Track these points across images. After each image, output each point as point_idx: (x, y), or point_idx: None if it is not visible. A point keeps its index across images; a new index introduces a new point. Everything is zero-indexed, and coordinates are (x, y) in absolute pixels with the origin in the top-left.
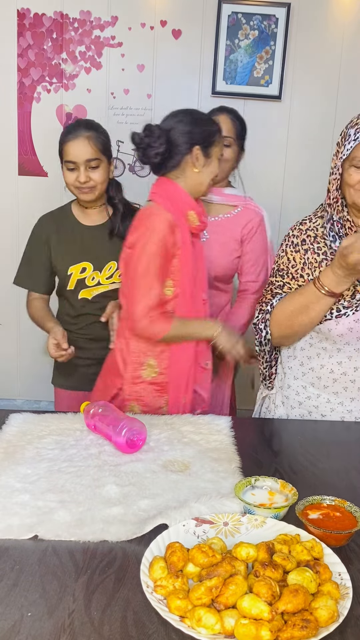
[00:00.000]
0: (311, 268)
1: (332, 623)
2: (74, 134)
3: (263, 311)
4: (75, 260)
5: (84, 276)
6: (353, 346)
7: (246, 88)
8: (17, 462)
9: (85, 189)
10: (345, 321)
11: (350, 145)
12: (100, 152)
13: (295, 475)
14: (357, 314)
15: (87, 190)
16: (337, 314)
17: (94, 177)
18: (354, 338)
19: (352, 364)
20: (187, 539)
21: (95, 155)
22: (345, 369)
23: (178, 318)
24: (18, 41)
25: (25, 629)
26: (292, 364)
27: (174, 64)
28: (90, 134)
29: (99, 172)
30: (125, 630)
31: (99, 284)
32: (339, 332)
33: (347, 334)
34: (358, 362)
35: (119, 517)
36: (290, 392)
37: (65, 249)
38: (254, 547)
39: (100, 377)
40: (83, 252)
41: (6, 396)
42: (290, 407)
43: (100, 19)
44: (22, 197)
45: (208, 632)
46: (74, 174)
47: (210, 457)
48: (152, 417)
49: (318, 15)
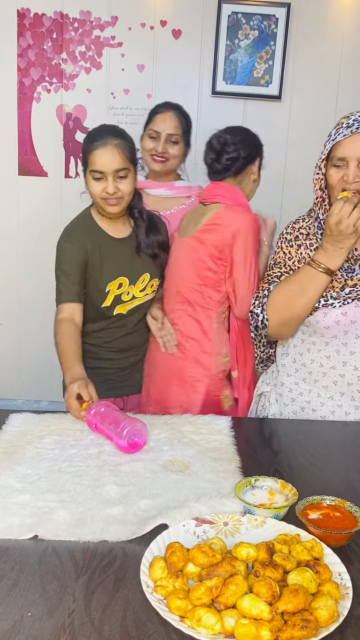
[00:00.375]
0: (305, 262)
1: (332, 623)
2: (102, 141)
3: (259, 297)
4: (113, 276)
5: (121, 292)
6: (340, 340)
7: (246, 88)
8: (17, 462)
9: (113, 201)
10: (332, 313)
11: (329, 144)
12: (128, 161)
13: (295, 475)
14: (345, 307)
15: (115, 201)
16: (324, 303)
17: (122, 188)
18: (341, 331)
19: (341, 358)
20: (187, 539)
21: (124, 164)
22: (334, 362)
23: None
24: (18, 41)
25: (25, 629)
26: (285, 361)
27: (174, 64)
28: (118, 141)
29: (126, 182)
30: (125, 630)
31: (134, 298)
32: (326, 324)
33: (334, 327)
34: (346, 356)
35: (119, 517)
36: (284, 390)
37: (102, 265)
38: (254, 547)
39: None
40: (117, 267)
41: (6, 396)
42: (283, 404)
43: (100, 19)
44: (22, 197)
45: (208, 632)
46: (100, 185)
47: (210, 457)
48: (152, 417)
49: (318, 15)
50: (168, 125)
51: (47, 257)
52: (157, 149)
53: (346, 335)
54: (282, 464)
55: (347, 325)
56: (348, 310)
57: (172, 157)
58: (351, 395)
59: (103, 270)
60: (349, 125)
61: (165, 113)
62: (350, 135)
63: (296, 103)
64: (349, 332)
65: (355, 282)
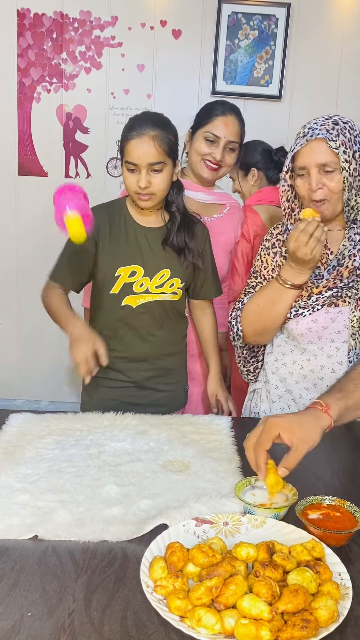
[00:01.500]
0: (279, 270)
1: (332, 623)
2: (139, 131)
3: (235, 309)
4: (126, 261)
5: (132, 280)
6: (316, 345)
7: (246, 88)
8: (17, 462)
9: (145, 196)
10: (303, 321)
11: (289, 155)
12: (165, 154)
13: (295, 475)
14: (314, 315)
15: (147, 197)
16: (295, 313)
17: (154, 183)
18: (315, 337)
19: (319, 362)
20: (187, 539)
21: (160, 158)
22: (313, 366)
23: None
24: (18, 41)
25: (25, 629)
26: (268, 359)
27: (174, 64)
28: (156, 132)
29: (161, 177)
30: (125, 630)
31: (147, 292)
32: (299, 332)
33: (307, 334)
34: (323, 359)
35: (119, 517)
36: (271, 387)
37: (115, 247)
38: (254, 547)
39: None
40: (135, 253)
41: (6, 396)
42: (271, 401)
43: (100, 19)
44: (22, 197)
45: (208, 632)
46: (134, 177)
47: (210, 457)
48: (152, 417)
49: (318, 15)
50: (231, 132)
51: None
52: (215, 156)
53: (321, 340)
54: None
55: (319, 331)
56: (318, 317)
57: (226, 166)
58: None
59: (117, 251)
60: (305, 134)
61: (228, 116)
62: (305, 144)
63: (296, 103)
64: (322, 337)
65: (320, 289)
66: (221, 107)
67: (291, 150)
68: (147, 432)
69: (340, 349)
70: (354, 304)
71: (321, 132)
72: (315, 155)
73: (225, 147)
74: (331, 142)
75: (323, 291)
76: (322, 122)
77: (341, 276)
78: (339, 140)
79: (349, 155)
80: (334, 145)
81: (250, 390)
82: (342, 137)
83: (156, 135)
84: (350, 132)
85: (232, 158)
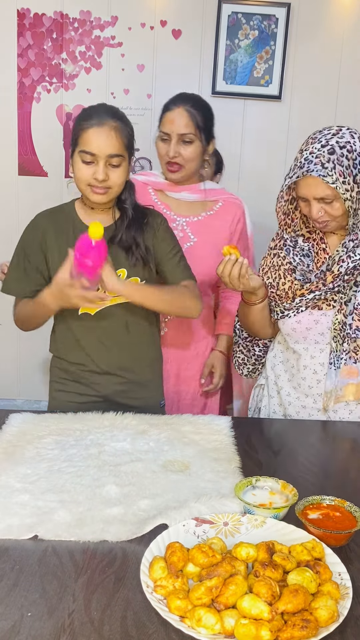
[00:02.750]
0: (272, 271)
1: (332, 623)
2: (98, 120)
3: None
4: None
5: None
6: (301, 345)
7: (246, 88)
8: (17, 462)
9: (100, 189)
10: (288, 322)
11: (287, 181)
12: (124, 148)
13: (295, 475)
14: (299, 316)
15: (102, 190)
16: (281, 315)
17: (112, 177)
18: (300, 337)
19: (302, 362)
20: (187, 539)
21: (120, 151)
22: (299, 366)
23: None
24: (18, 41)
25: (25, 629)
26: (269, 355)
27: (174, 64)
28: (117, 124)
29: (119, 172)
30: (125, 630)
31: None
32: (286, 332)
33: (292, 334)
34: (307, 360)
35: (119, 517)
36: (270, 382)
37: (64, 253)
38: (254, 547)
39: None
40: None
41: (6, 396)
42: (270, 396)
43: (100, 19)
44: (22, 197)
45: (208, 632)
46: (90, 169)
47: (210, 457)
48: (152, 417)
49: (318, 15)
50: (178, 125)
51: None
52: (169, 153)
53: (306, 341)
54: (282, 464)
55: (303, 332)
56: (302, 319)
57: (188, 161)
58: (313, 398)
59: (63, 257)
60: (301, 166)
61: (174, 110)
62: (302, 178)
63: (296, 103)
64: (307, 338)
65: (302, 291)
66: (170, 103)
67: (288, 176)
68: (147, 432)
69: (324, 350)
70: (338, 307)
71: (316, 167)
72: (312, 190)
73: (179, 142)
74: (327, 178)
75: (306, 294)
76: (318, 152)
77: (324, 280)
78: (336, 174)
79: (348, 182)
80: (330, 180)
81: (255, 386)
82: (339, 167)
83: (117, 126)
84: (348, 157)
85: (190, 151)
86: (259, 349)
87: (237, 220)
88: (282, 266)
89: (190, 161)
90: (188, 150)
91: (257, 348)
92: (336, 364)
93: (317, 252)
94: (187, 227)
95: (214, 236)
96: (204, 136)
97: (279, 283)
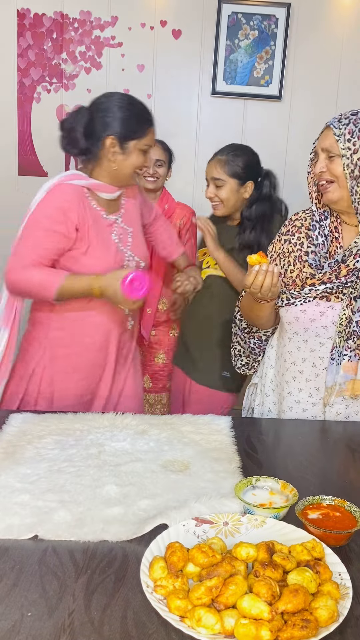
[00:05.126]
0: (282, 257)
1: (332, 623)
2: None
3: (240, 298)
4: None
5: None
6: (301, 337)
7: (246, 88)
8: (17, 462)
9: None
10: (292, 310)
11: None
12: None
13: (295, 475)
14: (304, 305)
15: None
16: (286, 302)
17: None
18: (301, 328)
19: (301, 355)
20: (187, 539)
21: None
22: (295, 358)
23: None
24: (18, 41)
25: (25, 629)
26: (270, 353)
27: (174, 64)
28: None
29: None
30: (125, 630)
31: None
32: (287, 320)
33: (294, 323)
34: (306, 353)
35: (119, 517)
36: (266, 380)
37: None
38: (254, 547)
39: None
40: None
41: None
42: (265, 394)
43: (100, 19)
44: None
45: (208, 632)
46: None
47: (210, 457)
48: (152, 417)
49: (318, 15)
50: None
51: None
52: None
53: (306, 333)
54: (282, 464)
55: (306, 322)
56: (307, 309)
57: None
58: (309, 392)
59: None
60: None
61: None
62: (322, 131)
63: (296, 103)
64: (308, 330)
65: (314, 281)
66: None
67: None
68: (147, 432)
69: (324, 344)
70: (347, 302)
71: (334, 121)
72: (322, 141)
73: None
74: (335, 130)
75: (317, 284)
76: (349, 114)
77: (338, 273)
78: (346, 130)
79: (354, 144)
80: (337, 132)
81: (249, 385)
82: (352, 126)
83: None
84: None
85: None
86: (254, 341)
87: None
88: (292, 252)
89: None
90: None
91: (253, 340)
92: (337, 359)
93: (332, 239)
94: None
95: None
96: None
97: (288, 270)
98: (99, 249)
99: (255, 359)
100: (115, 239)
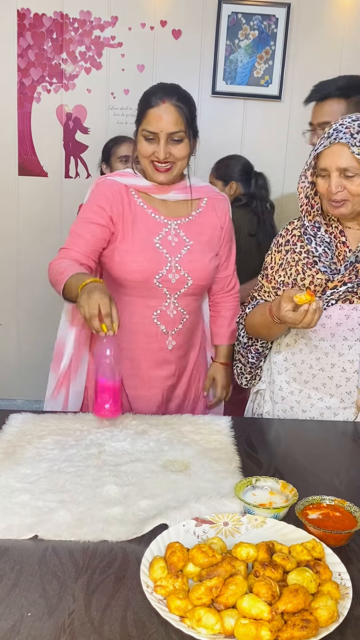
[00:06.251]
0: (287, 267)
1: (332, 623)
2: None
3: (242, 312)
4: None
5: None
6: (328, 342)
7: (246, 88)
8: (17, 462)
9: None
10: None
11: (313, 154)
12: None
13: (295, 475)
14: (329, 311)
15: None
16: None
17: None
18: (328, 334)
19: (329, 361)
20: (187, 539)
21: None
22: (323, 365)
23: None
24: (18, 41)
25: (25, 629)
26: (276, 358)
27: (174, 64)
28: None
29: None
30: (125, 630)
31: None
32: (314, 328)
33: (320, 330)
34: (335, 358)
35: (119, 517)
36: (275, 387)
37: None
38: (254, 547)
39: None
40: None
41: (6, 396)
42: (274, 402)
43: (100, 19)
44: (22, 197)
45: (208, 632)
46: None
47: (210, 457)
48: (152, 417)
49: (318, 15)
50: (166, 123)
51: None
52: (159, 155)
53: (333, 338)
54: (282, 464)
55: (332, 327)
56: (332, 313)
57: (179, 161)
58: (340, 397)
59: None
60: (329, 135)
61: (161, 106)
62: (329, 146)
63: (296, 103)
64: (335, 335)
65: (335, 283)
66: (153, 96)
67: (315, 149)
68: (147, 432)
69: (352, 347)
70: None
71: (345, 136)
72: (336, 160)
73: (168, 141)
74: (354, 148)
75: (338, 286)
76: (349, 124)
77: (357, 271)
78: None
79: None
80: (357, 150)
81: (254, 391)
82: None
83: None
84: None
85: (180, 150)
86: (251, 355)
87: (225, 214)
88: (299, 261)
89: (181, 160)
90: (178, 149)
91: (250, 355)
92: None
93: (337, 245)
94: (180, 229)
95: (208, 235)
96: (192, 132)
97: (298, 279)
98: (134, 244)
99: (256, 371)
100: (158, 241)
